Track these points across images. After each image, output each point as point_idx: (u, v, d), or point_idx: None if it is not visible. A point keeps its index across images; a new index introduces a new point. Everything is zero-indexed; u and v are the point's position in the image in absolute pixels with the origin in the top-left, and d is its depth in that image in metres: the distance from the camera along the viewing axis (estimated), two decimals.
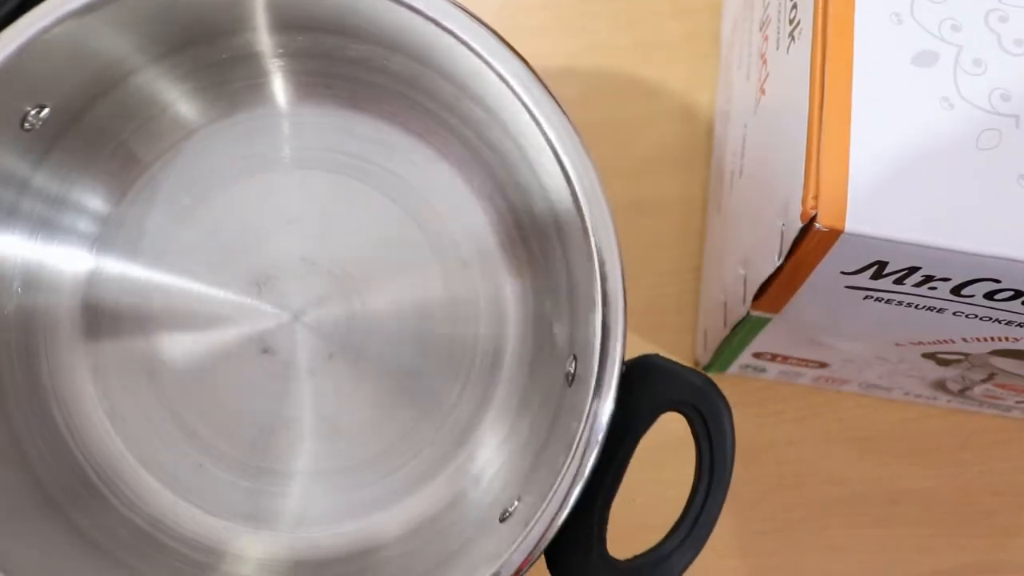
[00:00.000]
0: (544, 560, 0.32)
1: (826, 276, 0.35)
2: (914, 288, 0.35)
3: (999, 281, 0.33)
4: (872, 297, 0.36)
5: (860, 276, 0.34)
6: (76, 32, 0.33)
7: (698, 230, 0.55)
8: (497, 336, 0.40)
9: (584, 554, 0.31)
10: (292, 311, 0.40)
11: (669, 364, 0.32)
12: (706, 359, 0.49)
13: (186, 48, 0.37)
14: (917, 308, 0.36)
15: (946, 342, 0.39)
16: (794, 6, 0.39)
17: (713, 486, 0.31)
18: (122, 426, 0.40)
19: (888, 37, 0.34)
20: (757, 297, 0.39)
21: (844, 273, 0.35)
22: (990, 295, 0.34)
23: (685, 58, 0.60)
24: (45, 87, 0.35)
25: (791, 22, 0.39)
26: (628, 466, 0.32)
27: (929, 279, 0.34)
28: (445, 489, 0.40)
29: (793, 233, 0.33)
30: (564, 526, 0.30)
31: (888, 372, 0.45)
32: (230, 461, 0.40)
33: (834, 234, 0.32)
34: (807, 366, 0.47)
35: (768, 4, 0.44)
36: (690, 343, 0.52)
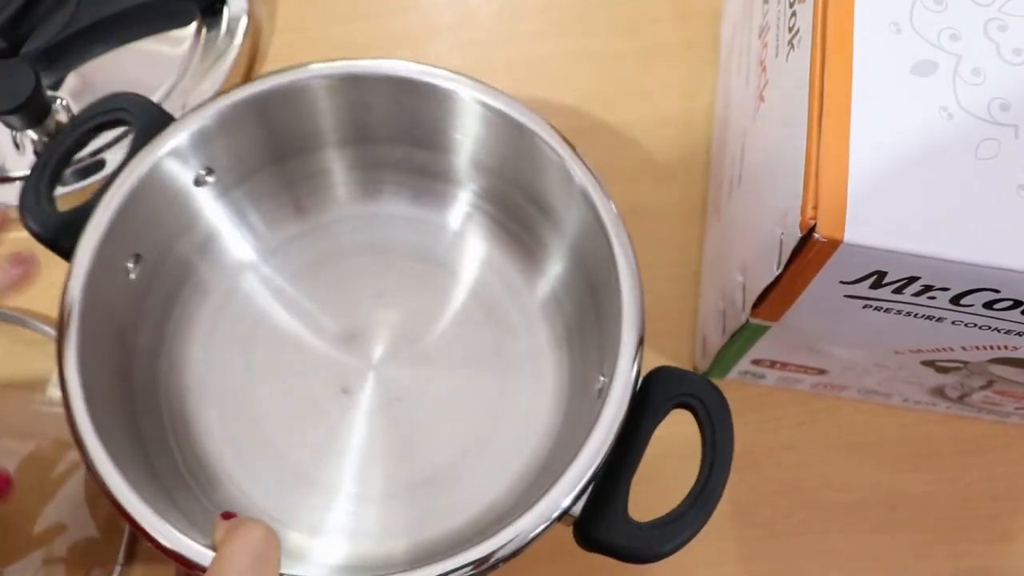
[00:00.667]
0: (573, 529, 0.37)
1: (825, 285, 0.35)
2: (913, 298, 0.35)
3: (998, 291, 0.33)
4: (871, 306, 0.36)
5: (859, 286, 0.34)
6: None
7: (697, 236, 0.55)
8: (537, 388, 0.48)
9: (612, 518, 0.36)
10: (370, 362, 0.48)
11: (676, 370, 0.39)
12: (705, 365, 0.49)
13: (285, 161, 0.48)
14: (916, 317, 0.36)
15: (945, 350, 0.39)
16: (793, 14, 0.39)
17: (716, 463, 0.36)
18: (211, 421, 0.46)
19: (887, 46, 0.34)
20: (756, 305, 0.39)
21: (843, 283, 0.35)
22: (989, 304, 0.34)
23: (684, 63, 0.60)
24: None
25: (790, 30, 0.39)
26: (646, 450, 0.37)
27: (928, 289, 0.34)
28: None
29: (792, 242, 0.33)
30: (594, 495, 0.36)
31: (887, 379, 0.45)
32: (308, 480, 0.46)
33: (833, 244, 0.32)
34: (806, 372, 0.47)
35: (767, 11, 0.44)
36: (689, 349, 0.52)
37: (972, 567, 0.48)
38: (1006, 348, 0.38)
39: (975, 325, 0.36)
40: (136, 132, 0.43)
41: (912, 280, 0.33)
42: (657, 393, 0.38)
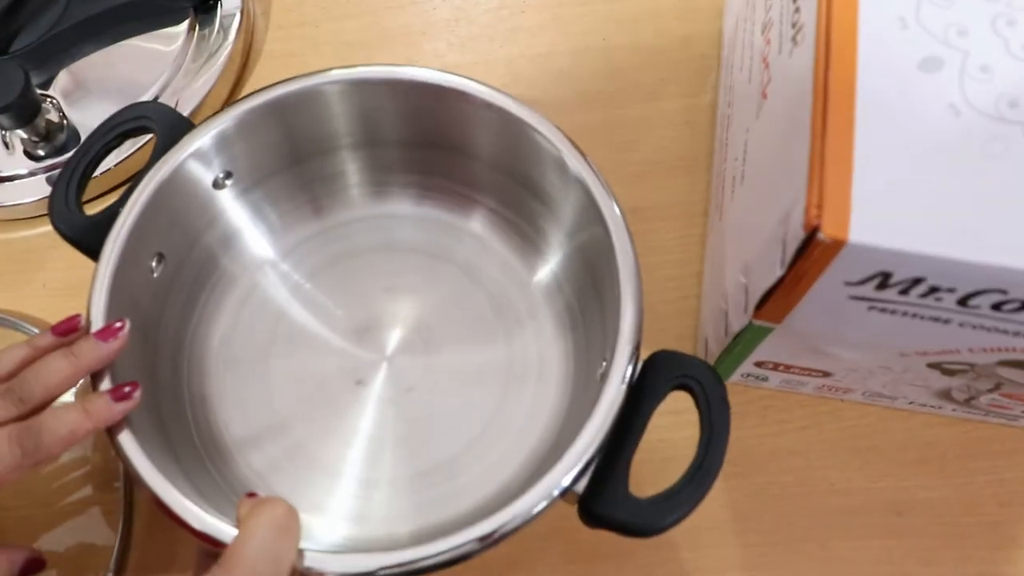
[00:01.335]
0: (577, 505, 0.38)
1: (830, 286, 0.34)
2: (919, 299, 0.34)
3: (1006, 292, 0.32)
4: (876, 308, 0.35)
5: (864, 287, 0.34)
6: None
7: (699, 236, 0.54)
8: (543, 376, 0.49)
9: (613, 494, 0.38)
10: (383, 355, 0.50)
11: (675, 353, 0.40)
12: None
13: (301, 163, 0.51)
14: (922, 319, 0.35)
15: (952, 352, 0.39)
16: (797, 9, 0.38)
17: (713, 441, 0.38)
18: (230, 411, 0.48)
19: (893, 42, 0.33)
20: (759, 306, 0.38)
21: (848, 284, 0.34)
22: (997, 306, 0.33)
23: (686, 59, 0.60)
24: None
25: (794, 25, 0.38)
26: (646, 428, 0.39)
27: (935, 290, 0.33)
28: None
29: (796, 243, 0.33)
30: (597, 473, 0.38)
31: (892, 381, 0.45)
32: (319, 464, 0.47)
33: (838, 245, 0.31)
34: (810, 375, 0.46)
35: (770, 6, 0.43)
36: (690, 351, 0.51)
37: (979, 573, 0.47)
38: (1014, 350, 0.37)
39: (982, 327, 0.35)
40: (158, 138, 0.46)
41: (918, 281, 0.33)
42: (656, 375, 0.40)
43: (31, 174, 0.56)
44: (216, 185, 0.48)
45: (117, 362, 0.40)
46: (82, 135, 0.57)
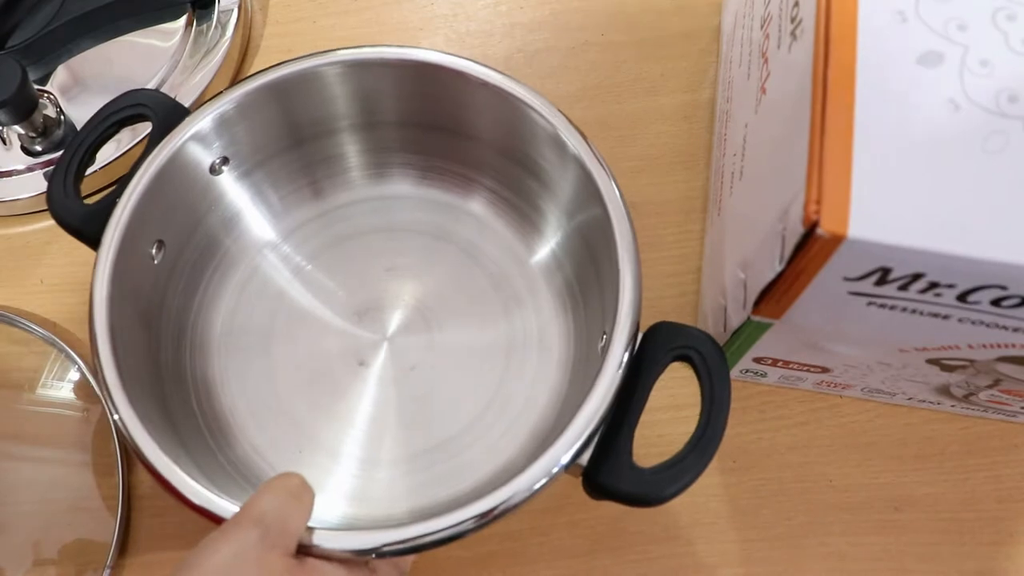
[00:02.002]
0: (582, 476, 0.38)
1: (829, 282, 0.34)
2: (919, 295, 0.34)
3: (1006, 288, 0.32)
4: (876, 303, 0.35)
5: (863, 282, 0.34)
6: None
7: (698, 231, 0.54)
8: (544, 353, 0.49)
9: (617, 465, 0.38)
10: (384, 335, 0.50)
11: (674, 324, 0.40)
12: None
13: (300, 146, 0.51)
14: (922, 314, 0.35)
15: (951, 348, 0.38)
16: (796, 3, 0.38)
17: (714, 411, 0.38)
18: (233, 393, 0.49)
19: (892, 36, 0.33)
20: (758, 302, 0.38)
21: (847, 279, 0.34)
22: (997, 302, 0.33)
23: (685, 54, 0.59)
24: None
25: (792, 20, 0.38)
26: (648, 398, 0.39)
27: (934, 286, 0.33)
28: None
29: (795, 238, 0.32)
30: (600, 444, 0.38)
31: (891, 377, 0.45)
32: (321, 443, 0.48)
33: (837, 240, 0.31)
34: (809, 371, 0.46)
35: (769, 1, 0.43)
36: None
37: (978, 569, 0.47)
38: (1013, 346, 0.37)
39: (982, 323, 0.35)
40: (154, 126, 0.45)
41: (917, 277, 0.32)
42: (656, 347, 0.40)
43: (28, 169, 0.55)
44: (213, 171, 0.48)
45: (120, 349, 0.40)
46: None
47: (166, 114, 0.45)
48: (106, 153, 0.55)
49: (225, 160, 0.48)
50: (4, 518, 0.48)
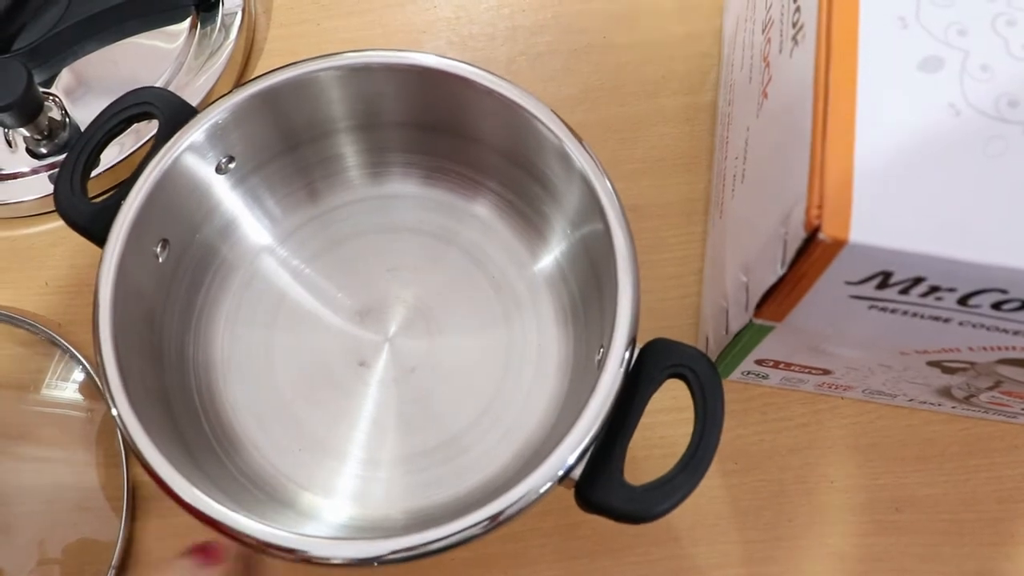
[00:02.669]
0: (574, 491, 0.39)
1: (830, 286, 0.34)
2: (920, 298, 0.34)
3: (1007, 292, 0.32)
4: (877, 307, 0.35)
5: (865, 286, 0.34)
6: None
7: (700, 233, 0.54)
8: (542, 359, 0.49)
9: (608, 481, 0.38)
10: (386, 335, 0.50)
11: (670, 341, 0.41)
12: None
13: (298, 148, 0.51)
14: (923, 318, 0.35)
15: (952, 351, 0.39)
16: (797, 8, 0.38)
17: (707, 430, 0.38)
18: (235, 393, 0.49)
19: (893, 42, 0.33)
20: (760, 305, 0.38)
21: (848, 283, 0.34)
22: (997, 305, 0.33)
23: (687, 57, 0.60)
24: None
25: (794, 25, 0.38)
26: (641, 418, 0.39)
27: (935, 289, 0.33)
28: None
29: (796, 243, 0.33)
30: (593, 459, 0.38)
31: (892, 379, 0.45)
32: (324, 445, 0.48)
33: (838, 245, 0.31)
34: (810, 373, 0.46)
35: (771, 5, 0.43)
36: None
37: (978, 570, 0.47)
38: (1014, 349, 0.37)
39: (983, 326, 0.35)
40: (161, 124, 0.45)
41: (919, 281, 0.33)
42: (652, 364, 0.40)
43: (33, 172, 0.56)
44: (219, 170, 0.48)
45: (123, 347, 0.41)
46: None
47: (173, 112, 0.45)
48: (111, 155, 0.55)
49: (231, 159, 0.48)
50: (8, 519, 0.48)
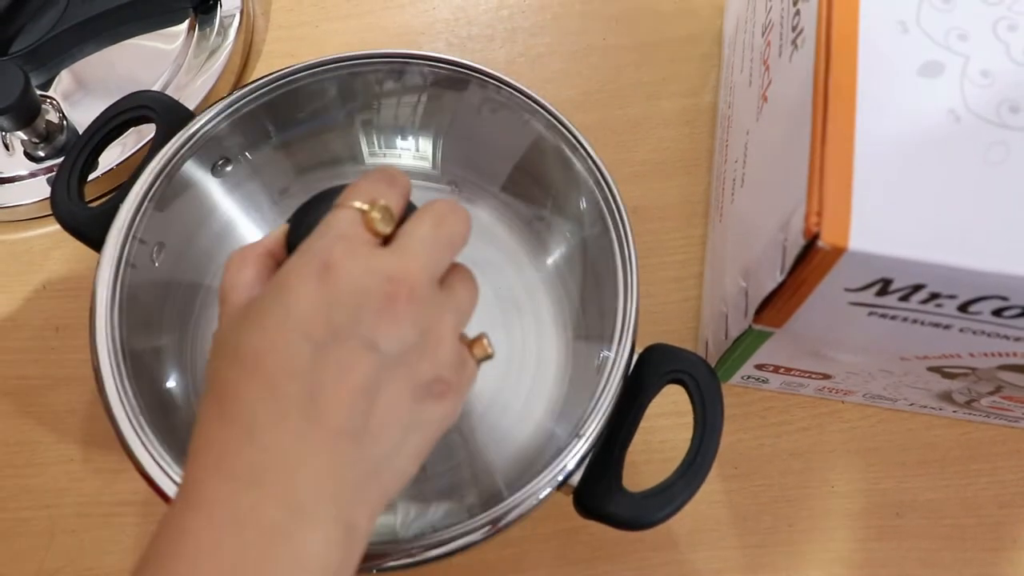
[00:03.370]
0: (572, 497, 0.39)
1: (829, 293, 0.34)
2: (920, 305, 0.34)
3: (1007, 298, 0.32)
4: (877, 313, 0.35)
5: (864, 293, 0.34)
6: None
7: (700, 236, 0.54)
8: (541, 363, 0.49)
9: (607, 488, 0.38)
10: None
11: (669, 347, 0.41)
12: None
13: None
14: (923, 324, 0.35)
15: (952, 357, 0.38)
16: (797, 12, 0.38)
17: (706, 436, 0.38)
18: None
19: (893, 46, 0.33)
20: (759, 311, 0.38)
21: (848, 290, 0.34)
22: (998, 312, 0.33)
23: (687, 58, 0.59)
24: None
25: (794, 28, 0.38)
26: (639, 424, 0.39)
27: (935, 296, 0.33)
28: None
29: (795, 249, 0.32)
30: (591, 465, 0.38)
31: (893, 384, 0.45)
32: None
33: (838, 252, 0.31)
34: (810, 377, 0.46)
35: (771, 8, 0.43)
36: None
37: (979, 574, 0.47)
38: (1014, 355, 0.37)
39: (983, 332, 0.35)
40: (158, 128, 0.45)
41: (918, 288, 0.32)
42: (651, 369, 0.40)
43: (31, 175, 0.55)
44: (215, 172, 0.48)
45: (120, 351, 0.41)
46: None
47: (170, 116, 0.45)
48: (112, 156, 0.55)
49: (228, 162, 0.48)
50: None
